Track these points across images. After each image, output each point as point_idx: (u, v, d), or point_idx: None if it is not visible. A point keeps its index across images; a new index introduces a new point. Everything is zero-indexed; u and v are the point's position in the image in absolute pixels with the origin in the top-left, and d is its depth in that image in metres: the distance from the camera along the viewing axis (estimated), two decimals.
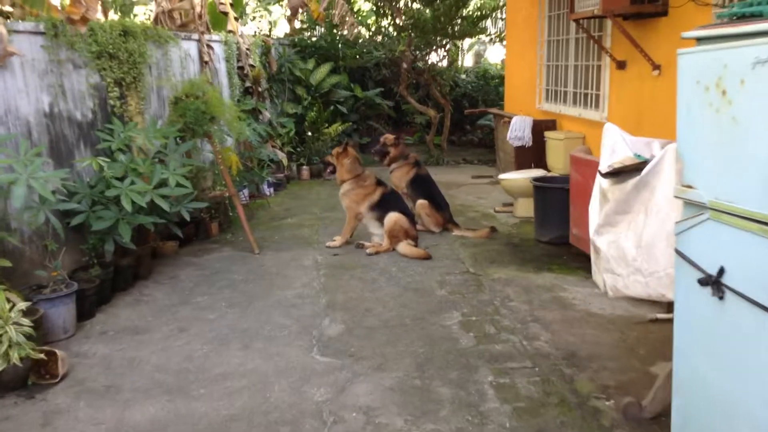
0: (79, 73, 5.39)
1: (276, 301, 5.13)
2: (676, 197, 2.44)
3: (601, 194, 3.23)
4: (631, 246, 2.96)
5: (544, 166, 7.63)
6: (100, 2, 4.72)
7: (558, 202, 6.12)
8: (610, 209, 3.09)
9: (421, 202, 6.94)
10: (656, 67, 5.59)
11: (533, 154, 7.92)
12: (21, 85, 4.68)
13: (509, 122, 8.24)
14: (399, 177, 7.25)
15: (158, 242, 6.25)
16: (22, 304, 3.88)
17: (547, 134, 7.55)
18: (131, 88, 6.05)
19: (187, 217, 5.57)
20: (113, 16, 13.13)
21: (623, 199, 3.00)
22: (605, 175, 3.16)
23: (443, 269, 5.77)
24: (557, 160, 7.24)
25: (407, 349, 4.16)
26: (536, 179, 6.55)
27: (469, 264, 5.89)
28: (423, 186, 7.14)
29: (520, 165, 8.09)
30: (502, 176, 7.54)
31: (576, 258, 5.79)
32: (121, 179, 5.23)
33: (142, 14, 12.43)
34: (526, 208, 7.31)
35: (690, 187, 2.30)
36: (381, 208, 6.42)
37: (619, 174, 3.06)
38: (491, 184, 9.49)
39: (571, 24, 7.38)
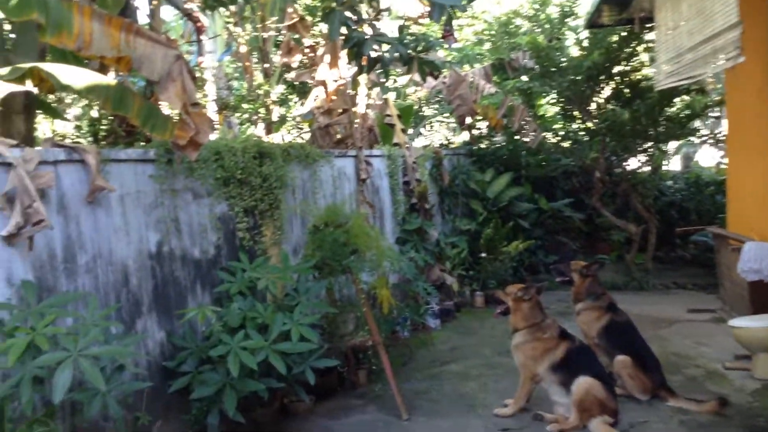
0: (200, 203, 4.64)
1: None
2: None
3: None
4: None
5: None
6: (210, 122, 3.92)
7: None
8: None
9: (621, 358, 5.23)
10: None
11: None
12: (119, 223, 3.95)
13: (738, 248, 6.34)
14: (587, 323, 5.58)
15: (291, 398, 5.20)
16: None
17: None
18: (266, 216, 5.24)
19: (311, 381, 4.46)
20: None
21: None
22: None
23: None
24: None
25: None
26: None
27: None
28: (621, 336, 5.40)
29: (758, 305, 6.08)
30: (734, 323, 5.61)
31: None
32: (237, 331, 4.29)
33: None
34: None
35: None
36: (566, 369, 4.84)
37: None
38: (714, 321, 7.40)
39: None
